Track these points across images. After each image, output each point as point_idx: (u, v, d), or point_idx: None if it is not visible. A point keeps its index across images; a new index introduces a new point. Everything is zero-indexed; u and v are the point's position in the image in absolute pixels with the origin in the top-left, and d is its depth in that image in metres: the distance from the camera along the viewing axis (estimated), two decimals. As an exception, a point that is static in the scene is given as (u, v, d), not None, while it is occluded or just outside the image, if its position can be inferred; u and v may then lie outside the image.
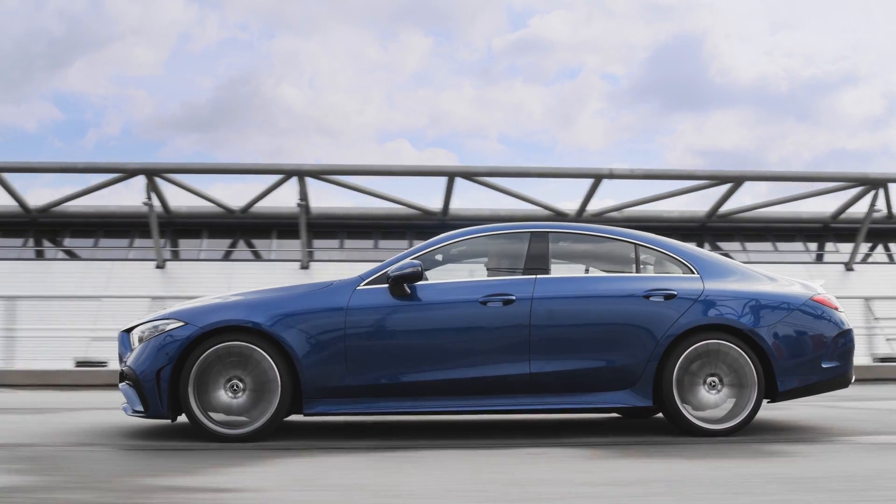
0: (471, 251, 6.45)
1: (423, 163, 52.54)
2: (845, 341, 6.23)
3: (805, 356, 6.09)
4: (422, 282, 5.97)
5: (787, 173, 33.29)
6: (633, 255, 6.31)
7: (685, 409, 5.92)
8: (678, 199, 33.77)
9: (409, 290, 5.91)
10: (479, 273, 6.32)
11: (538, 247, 6.20)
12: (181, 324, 5.72)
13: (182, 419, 5.81)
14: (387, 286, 5.91)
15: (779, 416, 7.26)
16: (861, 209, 34.14)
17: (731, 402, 5.96)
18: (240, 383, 5.69)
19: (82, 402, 9.51)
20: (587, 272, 6.59)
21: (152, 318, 5.90)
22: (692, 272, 6.20)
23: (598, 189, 32.05)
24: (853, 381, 6.33)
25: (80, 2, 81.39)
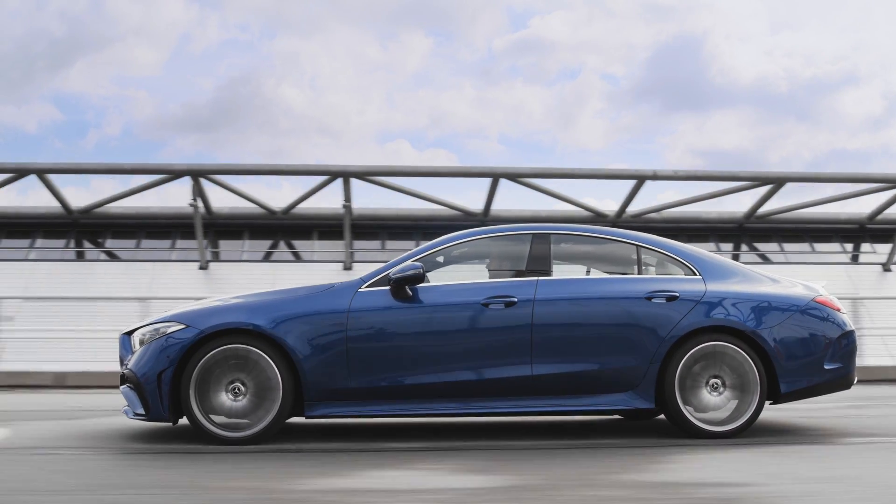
0: (472, 253, 6.45)
1: (465, 164, 52.57)
2: (847, 342, 6.16)
3: (807, 357, 6.04)
4: (423, 284, 5.98)
5: (828, 174, 32.79)
6: (634, 256, 6.29)
7: (687, 411, 5.89)
8: (714, 200, 33.37)
9: (410, 293, 5.93)
10: (480, 275, 6.32)
11: (540, 248, 6.19)
12: (182, 326, 5.76)
13: (183, 422, 5.86)
14: (388, 288, 5.92)
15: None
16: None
17: (733, 403, 5.92)
18: (241, 386, 5.74)
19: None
20: (588, 274, 6.57)
21: (153, 321, 5.95)
22: (694, 273, 6.16)
23: (640, 190, 31.83)
24: (855, 382, 6.26)
25: (81, 2, 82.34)
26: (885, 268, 34.01)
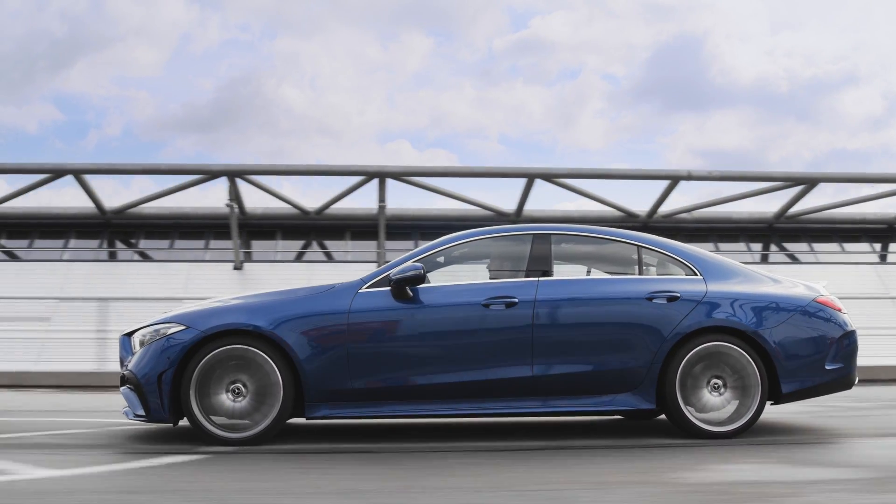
0: (473, 253, 6.45)
1: (500, 164, 52.44)
2: (849, 343, 6.11)
3: (808, 358, 5.99)
4: (424, 284, 5.99)
5: (860, 175, 32.45)
6: (635, 256, 6.27)
7: (688, 412, 5.86)
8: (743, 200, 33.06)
9: (411, 293, 5.94)
10: (481, 275, 6.32)
11: (540, 249, 6.18)
12: (183, 327, 5.80)
13: (184, 423, 5.89)
14: (389, 289, 5.93)
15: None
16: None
17: (734, 404, 5.89)
18: (241, 387, 5.77)
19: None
20: (589, 274, 6.55)
21: (154, 322, 5.99)
22: (695, 274, 6.13)
23: (673, 190, 31.61)
24: (856, 382, 6.20)
25: (82, 3, 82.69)
26: (915, 267, 33.59)
